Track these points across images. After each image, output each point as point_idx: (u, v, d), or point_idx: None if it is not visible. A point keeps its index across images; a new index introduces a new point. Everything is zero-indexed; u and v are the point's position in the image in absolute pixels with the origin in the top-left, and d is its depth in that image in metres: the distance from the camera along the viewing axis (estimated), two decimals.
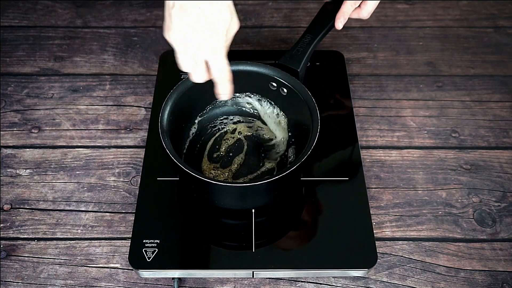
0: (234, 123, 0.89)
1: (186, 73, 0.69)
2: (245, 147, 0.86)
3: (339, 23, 0.82)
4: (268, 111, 0.88)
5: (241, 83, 0.85)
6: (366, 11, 0.83)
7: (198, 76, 0.68)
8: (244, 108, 0.90)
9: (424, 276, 0.77)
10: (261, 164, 0.84)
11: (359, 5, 0.84)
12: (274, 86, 0.83)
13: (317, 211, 0.79)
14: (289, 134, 0.86)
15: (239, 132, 0.88)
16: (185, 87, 0.81)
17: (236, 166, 0.84)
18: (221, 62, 0.67)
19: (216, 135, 0.88)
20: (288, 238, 0.76)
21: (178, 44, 0.65)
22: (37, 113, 0.96)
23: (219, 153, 0.85)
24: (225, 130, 0.88)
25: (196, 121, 0.87)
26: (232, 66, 0.82)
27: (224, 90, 0.70)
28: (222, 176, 0.83)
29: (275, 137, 0.87)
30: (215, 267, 0.73)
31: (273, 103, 0.87)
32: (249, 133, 0.88)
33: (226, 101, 0.89)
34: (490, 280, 0.76)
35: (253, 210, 0.78)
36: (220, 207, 0.78)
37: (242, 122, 0.89)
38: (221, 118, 0.89)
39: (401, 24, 1.14)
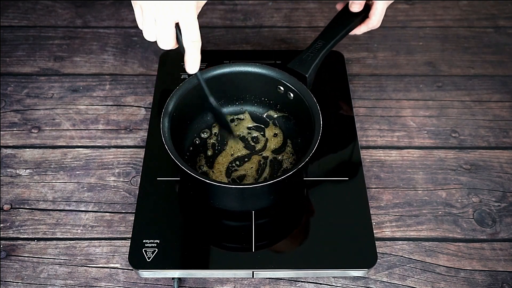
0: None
1: (186, 73, 0.68)
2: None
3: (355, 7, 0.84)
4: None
5: (249, 84, 0.85)
6: (376, 19, 0.83)
7: (165, 42, 0.67)
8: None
9: (424, 276, 0.77)
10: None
11: (368, 16, 0.84)
12: (281, 89, 0.83)
13: (317, 211, 0.79)
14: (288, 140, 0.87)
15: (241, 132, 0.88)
16: (189, 87, 0.80)
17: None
18: (193, 23, 0.66)
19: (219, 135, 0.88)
20: (288, 238, 0.76)
21: (148, 5, 0.64)
22: (37, 113, 0.96)
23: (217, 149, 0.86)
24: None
25: (202, 120, 0.88)
26: (241, 67, 0.83)
27: (193, 59, 0.69)
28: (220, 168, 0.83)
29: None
30: (215, 267, 0.73)
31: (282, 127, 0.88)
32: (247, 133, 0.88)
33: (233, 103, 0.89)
34: (490, 280, 0.76)
35: (253, 212, 0.78)
36: (220, 208, 0.78)
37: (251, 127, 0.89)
38: (229, 118, 0.89)
39: (401, 24, 1.14)
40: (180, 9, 0.64)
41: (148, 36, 0.68)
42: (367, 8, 0.86)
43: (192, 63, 0.70)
